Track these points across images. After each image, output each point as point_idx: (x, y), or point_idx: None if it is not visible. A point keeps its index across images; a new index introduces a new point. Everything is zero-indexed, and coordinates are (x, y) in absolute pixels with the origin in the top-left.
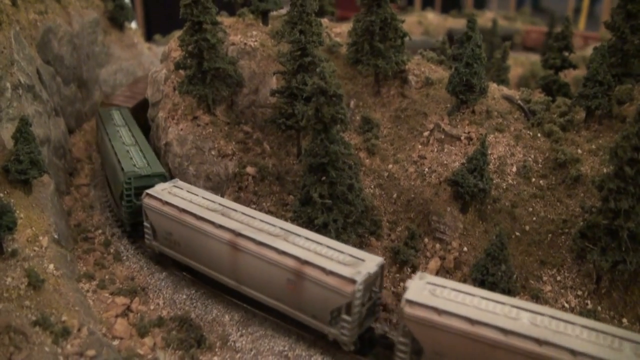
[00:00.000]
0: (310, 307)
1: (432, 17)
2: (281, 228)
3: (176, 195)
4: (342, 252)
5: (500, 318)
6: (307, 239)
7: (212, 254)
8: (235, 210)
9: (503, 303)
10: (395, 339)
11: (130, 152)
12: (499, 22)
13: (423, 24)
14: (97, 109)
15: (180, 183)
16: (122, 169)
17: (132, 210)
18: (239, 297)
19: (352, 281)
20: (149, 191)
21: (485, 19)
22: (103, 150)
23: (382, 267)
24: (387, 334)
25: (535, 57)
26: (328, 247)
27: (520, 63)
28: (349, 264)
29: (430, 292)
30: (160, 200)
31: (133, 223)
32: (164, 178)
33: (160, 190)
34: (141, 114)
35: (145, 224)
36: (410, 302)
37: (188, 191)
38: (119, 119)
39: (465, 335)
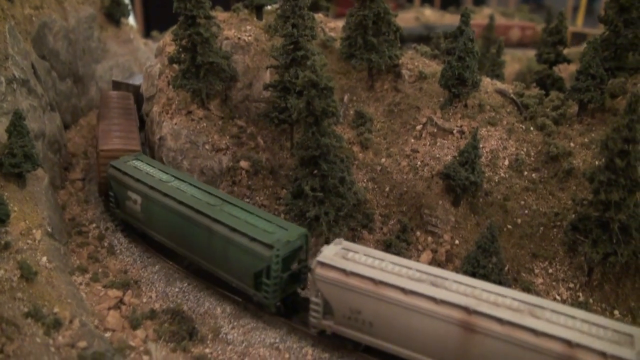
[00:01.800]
0: None
1: (429, 13)
2: (520, 301)
3: (358, 262)
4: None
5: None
6: (555, 312)
7: (428, 337)
8: (446, 278)
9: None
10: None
11: (235, 215)
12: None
13: (420, 20)
14: (102, 158)
15: (346, 244)
16: (258, 241)
17: (278, 287)
18: (230, 290)
19: None
20: (322, 259)
21: (482, 15)
22: (164, 222)
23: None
24: None
25: (533, 53)
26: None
27: (517, 59)
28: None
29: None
30: (341, 270)
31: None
32: (305, 237)
33: (333, 256)
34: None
35: (315, 299)
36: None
37: (365, 254)
38: (152, 170)
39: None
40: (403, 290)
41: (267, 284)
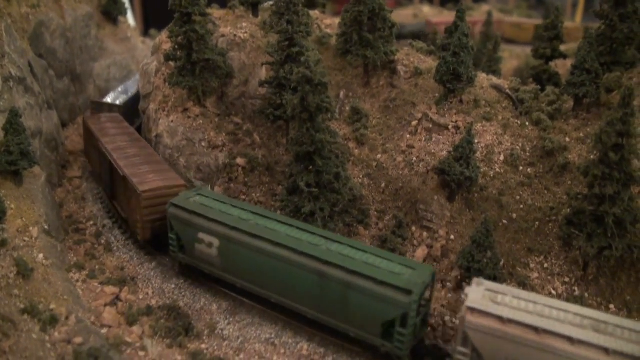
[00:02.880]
0: None
1: (428, 10)
2: None
3: (512, 307)
4: None
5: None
6: None
7: None
8: (607, 322)
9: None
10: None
11: (349, 255)
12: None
13: (419, 17)
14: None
15: (488, 284)
16: (390, 286)
17: (412, 335)
18: (226, 286)
19: None
20: (472, 305)
21: (481, 12)
22: (254, 267)
23: None
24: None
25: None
26: None
27: (516, 55)
28: None
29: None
30: (496, 317)
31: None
32: (433, 275)
33: (482, 300)
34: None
35: (462, 349)
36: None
37: (514, 297)
38: (225, 206)
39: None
40: (570, 339)
41: (401, 334)
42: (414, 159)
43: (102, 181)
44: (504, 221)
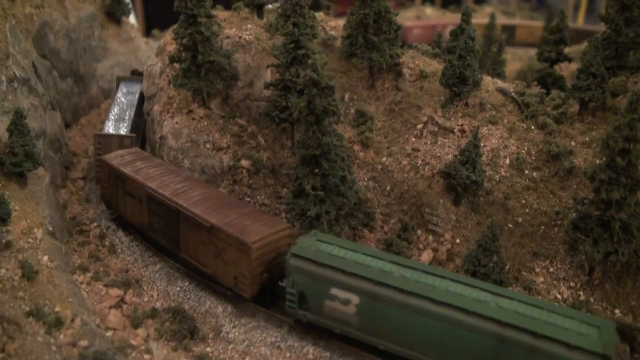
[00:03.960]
0: None
1: (430, 11)
2: None
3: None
4: None
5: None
6: None
7: None
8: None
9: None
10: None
11: (526, 313)
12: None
13: (421, 18)
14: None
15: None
16: (585, 351)
17: None
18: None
19: None
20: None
21: (483, 14)
22: (406, 329)
23: None
24: None
25: (534, 52)
26: None
27: (518, 58)
28: None
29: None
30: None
31: None
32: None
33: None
34: None
35: None
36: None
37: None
38: (357, 255)
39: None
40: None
41: None
42: (420, 162)
43: (148, 231)
44: (510, 225)
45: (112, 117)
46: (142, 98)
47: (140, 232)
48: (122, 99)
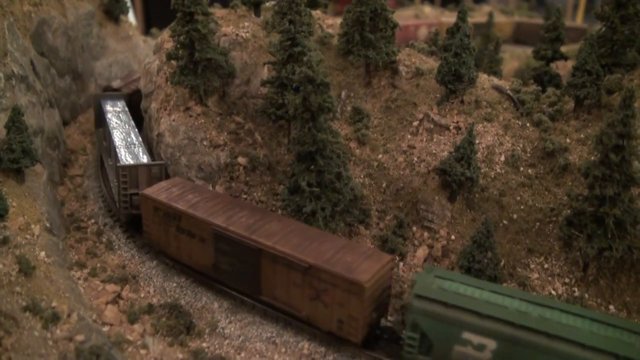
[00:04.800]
0: None
1: (429, 10)
2: None
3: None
4: None
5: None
6: None
7: None
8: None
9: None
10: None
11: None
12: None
13: (420, 17)
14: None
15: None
16: None
17: None
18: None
19: None
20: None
21: (482, 12)
22: None
23: None
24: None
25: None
26: None
27: (516, 56)
28: None
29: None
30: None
31: None
32: None
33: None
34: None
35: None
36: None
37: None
38: (486, 293)
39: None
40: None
41: None
42: (415, 159)
43: (212, 273)
44: (505, 222)
45: (120, 144)
46: (134, 115)
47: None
48: (115, 120)
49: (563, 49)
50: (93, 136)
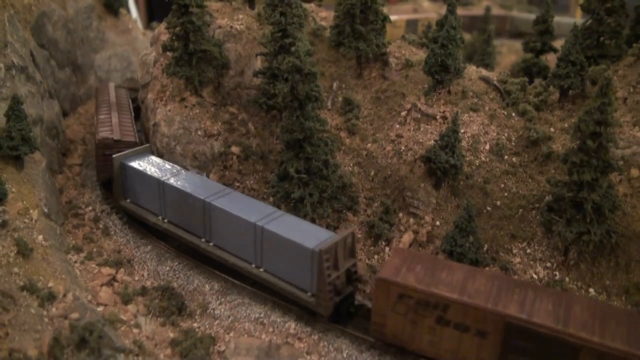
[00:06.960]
0: None
1: (427, 4)
2: None
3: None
4: None
5: None
6: None
7: None
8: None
9: None
10: None
11: None
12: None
13: (418, 11)
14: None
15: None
16: None
17: None
18: (219, 268)
19: None
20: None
21: (480, 6)
22: None
23: None
24: None
25: None
26: None
27: (514, 50)
28: None
29: None
30: None
31: None
32: None
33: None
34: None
35: None
36: None
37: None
38: None
39: None
40: None
41: None
42: (403, 148)
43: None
44: (488, 208)
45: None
46: None
47: None
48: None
49: (560, 43)
50: (92, 127)
